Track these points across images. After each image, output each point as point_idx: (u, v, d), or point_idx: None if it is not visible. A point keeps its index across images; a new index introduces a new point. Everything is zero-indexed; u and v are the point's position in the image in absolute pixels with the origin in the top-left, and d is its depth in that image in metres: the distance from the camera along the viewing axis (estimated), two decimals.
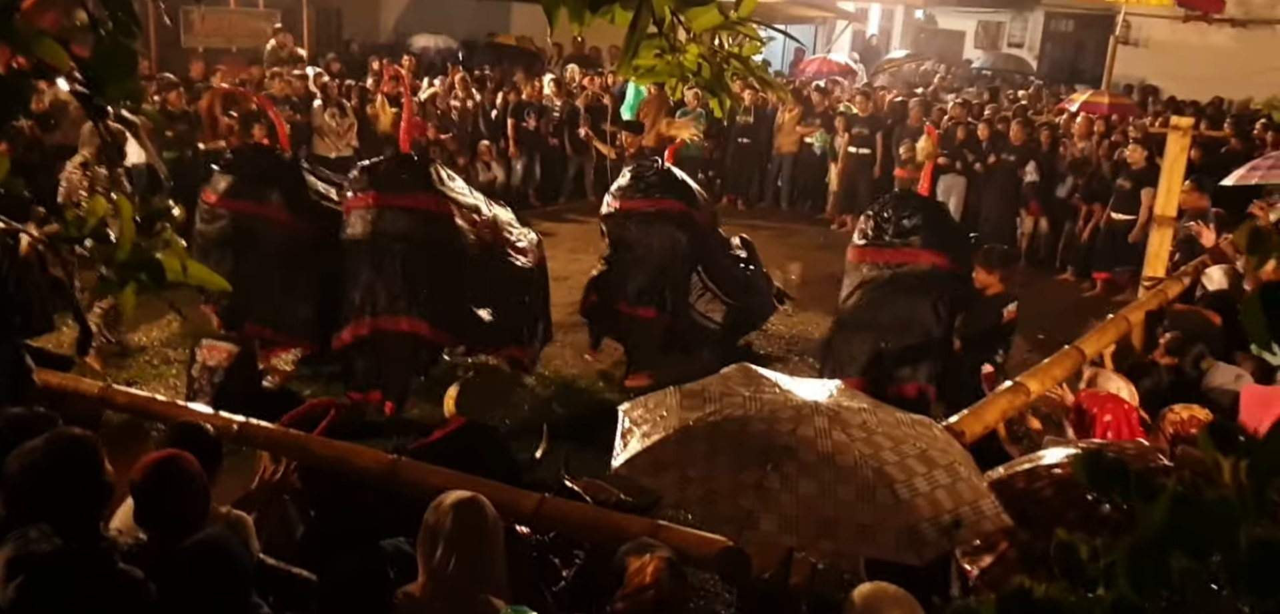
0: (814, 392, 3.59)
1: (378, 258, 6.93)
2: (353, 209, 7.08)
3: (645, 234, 8.09)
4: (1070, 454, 3.31)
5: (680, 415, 3.40)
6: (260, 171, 7.66)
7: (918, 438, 3.44)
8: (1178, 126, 6.79)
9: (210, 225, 7.53)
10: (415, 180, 7.10)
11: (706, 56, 2.72)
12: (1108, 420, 4.38)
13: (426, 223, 7.03)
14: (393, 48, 19.50)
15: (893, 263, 6.78)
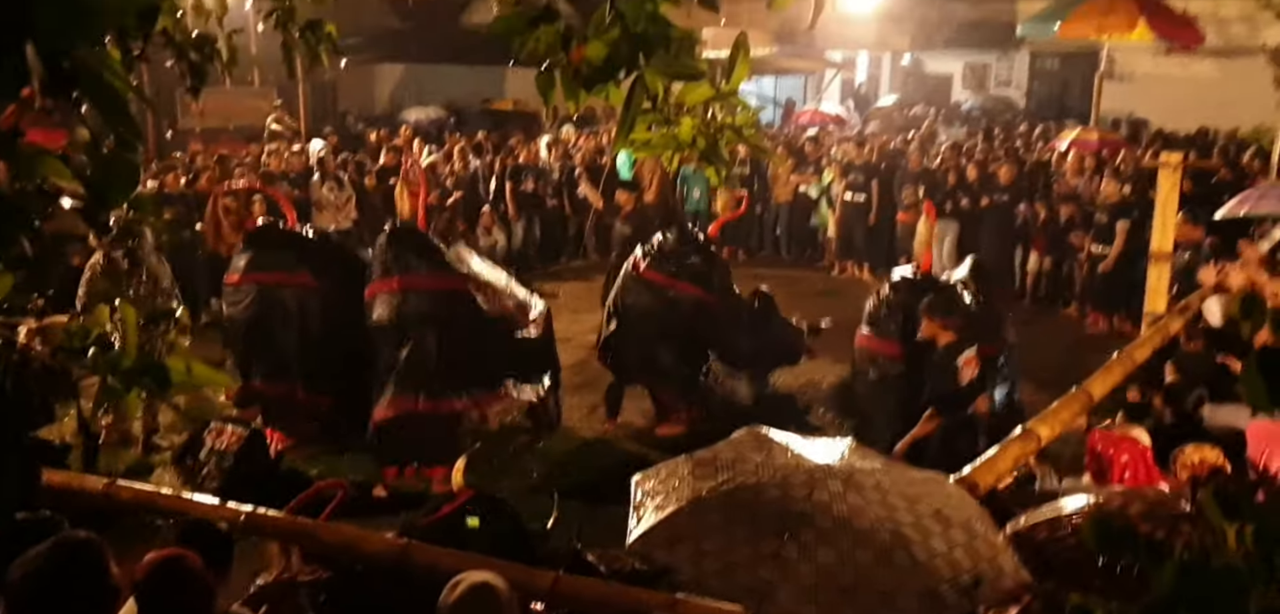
0: (826, 454, 3.55)
1: (406, 340, 7.08)
2: (378, 293, 7.21)
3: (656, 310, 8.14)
4: (1092, 501, 3.26)
5: (693, 485, 3.35)
6: (279, 243, 7.84)
7: (932, 496, 3.39)
8: (1168, 163, 6.78)
9: (237, 305, 7.68)
10: (436, 261, 7.28)
11: (701, 128, 2.72)
12: (1125, 461, 4.33)
13: (449, 302, 7.18)
14: (388, 119, 19.65)
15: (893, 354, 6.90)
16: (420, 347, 7.08)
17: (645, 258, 8.37)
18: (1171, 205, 6.58)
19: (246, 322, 7.67)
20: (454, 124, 19.20)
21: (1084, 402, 5.06)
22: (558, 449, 8.14)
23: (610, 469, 7.62)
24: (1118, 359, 5.63)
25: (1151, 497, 3.13)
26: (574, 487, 7.41)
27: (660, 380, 8.38)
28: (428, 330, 7.10)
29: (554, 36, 2.22)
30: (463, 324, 7.22)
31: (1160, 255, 6.59)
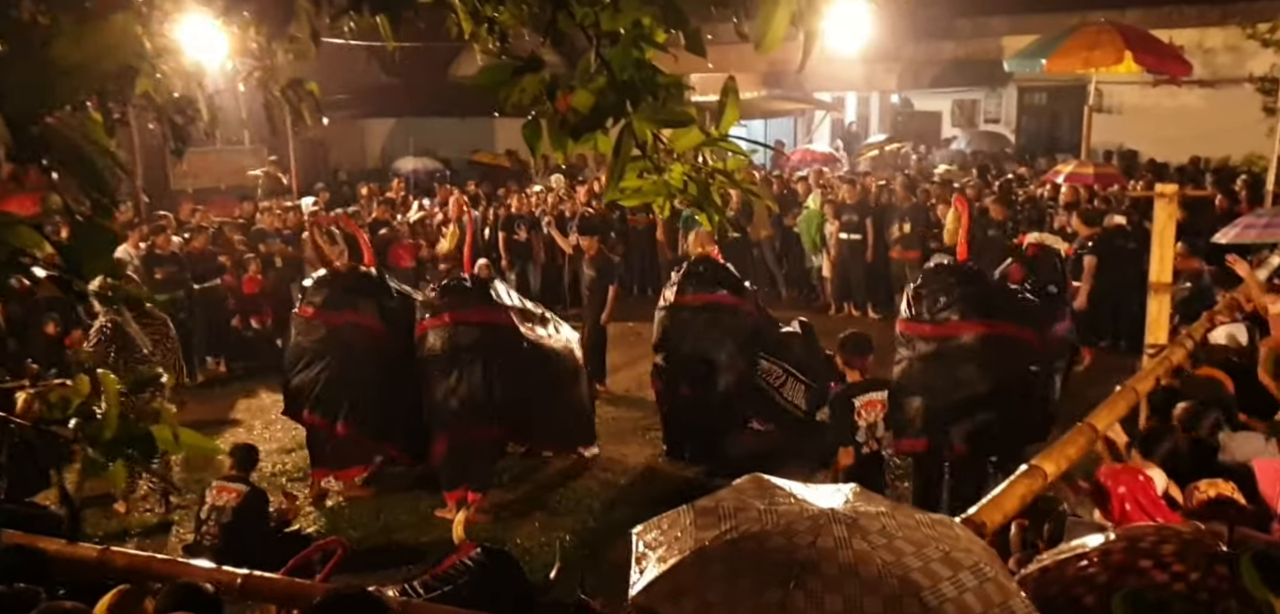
0: (829, 499, 3.48)
1: (459, 369, 7.59)
2: (430, 328, 7.72)
3: (697, 325, 8.57)
4: (1124, 535, 3.19)
5: (695, 536, 3.27)
6: (355, 287, 8.24)
7: (939, 539, 3.31)
8: (1164, 193, 6.77)
9: (307, 336, 8.08)
10: (483, 298, 7.91)
11: (691, 174, 2.69)
12: (1122, 493, 4.26)
13: (496, 334, 7.74)
14: (380, 174, 19.69)
15: (936, 336, 7.11)
16: (470, 378, 7.58)
17: (676, 287, 8.82)
18: (1169, 236, 6.56)
19: (308, 353, 8.04)
20: (446, 176, 19.25)
21: (1089, 436, 4.99)
22: (559, 498, 8.08)
23: (613, 519, 7.57)
24: (1121, 392, 5.57)
25: (1187, 534, 3.05)
26: (576, 537, 7.35)
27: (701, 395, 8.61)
28: (477, 361, 7.59)
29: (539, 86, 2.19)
30: (508, 354, 7.74)
31: (1160, 286, 6.56)
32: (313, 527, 7.67)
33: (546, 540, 7.28)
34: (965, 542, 3.39)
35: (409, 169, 19.72)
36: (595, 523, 7.62)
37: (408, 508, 7.99)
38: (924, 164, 20.43)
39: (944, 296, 7.13)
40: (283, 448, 9.45)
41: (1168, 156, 18.00)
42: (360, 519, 7.83)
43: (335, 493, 8.34)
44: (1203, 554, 2.84)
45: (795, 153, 22.19)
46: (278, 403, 10.80)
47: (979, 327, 7.02)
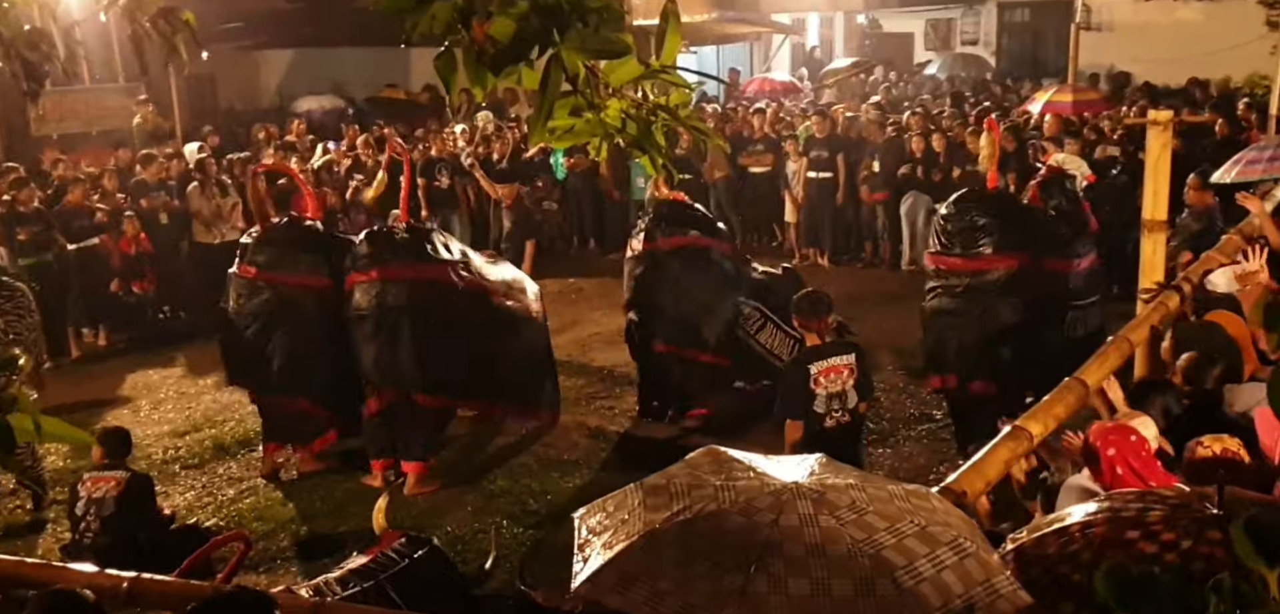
0: (793, 471, 3.51)
1: (387, 330, 7.67)
2: (356, 284, 7.81)
3: (671, 271, 8.71)
4: (1107, 507, 3.25)
5: (645, 518, 3.29)
6: (301, 242, 8.23)
7: (915, 512, 3.37)
8: (1157, 121, 6.87)
9: (250, 300, 8.07)
10: (415, 251, 7.90)
11: (630, 112, 2.66)
12: (1111, 454, 4.34)
13: (430, 291, 7.80)
14: (278, 113, 19.36)
15: (969, 270, 7.66)
16: (398, 336, 7.66)
17: (644, 234, 8.92)
18: (1163, 168, 6.66)
19: (250, 318, 8.05)
20: (353, 115, 18.98)
21: (1079, 393, 5.10)
22: (492, 480, 8.07)
23: (555, 503, 7.58)
24: (1113, 343, 5.69)
25: (1173, 498, 3.12)
26: (514, 521, 7.35)
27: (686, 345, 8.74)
28: (406, 319, 7.66)
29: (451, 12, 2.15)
30: (445, 313, 7.81)
31: (1154, 224, 6.67)
32: (212, 520, 7.59)
33: (480, 526, 7.28)
34: (943, 514, 3.44)
35: (309, 108, 19.41)
36: (535, 504, 7.64)
37: (322, 495, 7.93)
38: (894, 93, 20.56)
39: (977, 228, 7.65)
40: (175, 430, 9.33)
41: (1163, 78, 18.30)
42: (268, 509, 7.77)
43: (236, 479, 8.25)
44: (1193, 520, 2.90)
45: (751, 83, 22.21)
46: (167, 379, 10.70)
47: (1014, 259, 7.59)
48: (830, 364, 6.20)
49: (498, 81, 2.38)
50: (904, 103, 18.23)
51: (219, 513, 7.78)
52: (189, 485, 8.21)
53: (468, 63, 2.28)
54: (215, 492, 8.14)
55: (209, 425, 9.40)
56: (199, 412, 9.78)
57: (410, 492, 7.83)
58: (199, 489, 8.15)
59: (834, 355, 6.26)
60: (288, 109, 19.85)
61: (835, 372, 6.18)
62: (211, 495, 8.07)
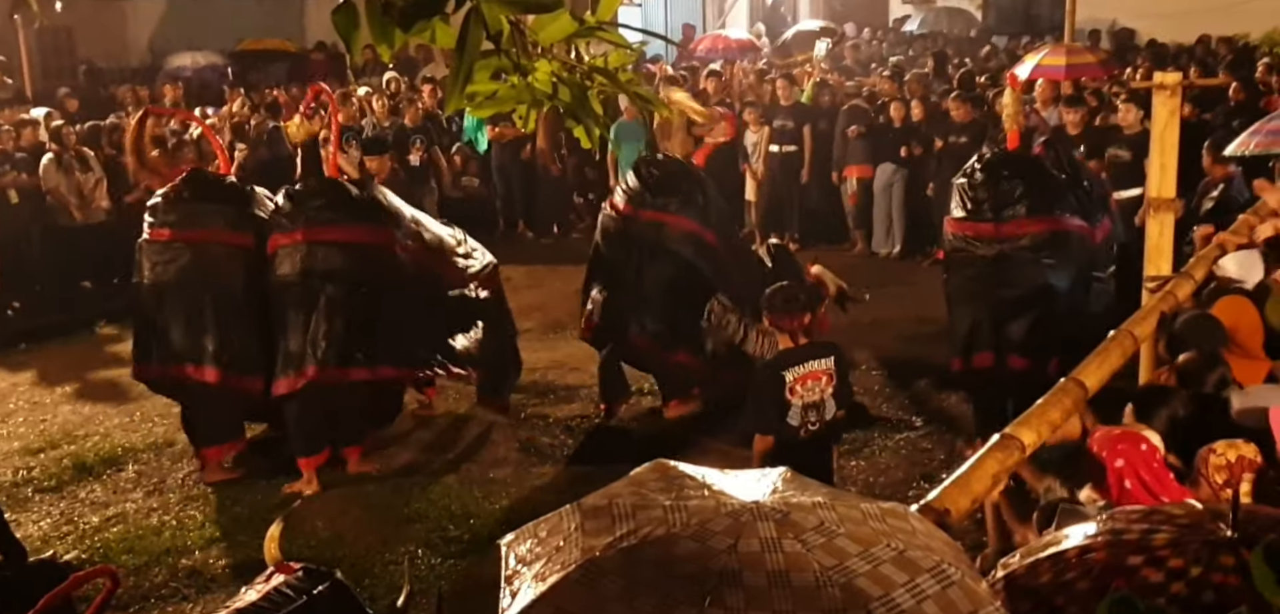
0: (753, 489, 3.54)
1: (313, 300, 7.87)
2: (279, 247, 8.00)
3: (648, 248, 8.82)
4: (1107, 530, 3.31)
5: (583, 544, 3.30)
6: (217, 195, 8.37)
7: (892, 534, 3.41)
8: (1165, 84, 7.02)
9: (167, 266, 8.16)
10: (349, 209, 8.13)
11: (562, 75, 2.67)
12: (1120, 466, 4.42)
13: (364, 256, 8.02)
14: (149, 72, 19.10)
15: (1001, 236, 8.07)
16: (330, 307, 7.85)
17: (624, 195, 9.02)
18: (1171, 138, 6.81)
19: (172, 288, 8.12)
20: (235, 75, 18.80)
21: (1076, 395, 5.18)
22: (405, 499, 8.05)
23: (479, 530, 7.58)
24: (1115, 338, 5.78)
25: (1182, 518, 3.17)
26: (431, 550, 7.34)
27: (666, 343, 8.85)
28: (338, 288, 7.88)
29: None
30: (382, 281, 8.04)
31: (1160, 203, 6.82)
32: (73, 552, 7.48)
33: (391, 555, 7.25)
34: (924, 537, 3.49)
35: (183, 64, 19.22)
36: (455, 529, 7.61)
37: (206, 519, 7.86)
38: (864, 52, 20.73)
39: (1010, 191, 8.12)
40: (27, 447, 9.19)
41: (1171, 35, 18.61)
42: (140, 538, 7.67)
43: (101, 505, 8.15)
44: (1204, 543, 2.94)
45: (703, 40, 22.28)
46: (16, 387, 10.55)
47: (1045, 222, 8.02)
48: (808, 370, 6.19)
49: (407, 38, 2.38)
50: (874, 64, 18.41)
51: (81, 543, 7.66)
52: (45, 512, 8.08)
53: (371, 16, 2.27)
54: (76, 519, 8.01)
55: (67, 442, 9.26)
56: (56, 425, 9.64)
57: (354, 470, 8.23)
58: (56, 516, 8.02)
59: (812, 359, 6.23)
60: (160, 67, 19.61)
61: (813, 378, 6.19)
62: (72, 523, 7.95)
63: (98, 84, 18.11)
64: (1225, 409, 5.08)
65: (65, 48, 19.96)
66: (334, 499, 8.07)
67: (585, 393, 9.78)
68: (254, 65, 19.74)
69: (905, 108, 13.54)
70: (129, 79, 17.90)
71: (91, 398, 10.23)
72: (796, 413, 6.14)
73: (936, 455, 8.34)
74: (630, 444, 8.68)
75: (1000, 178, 8.21)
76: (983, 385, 8.47)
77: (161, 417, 9.63)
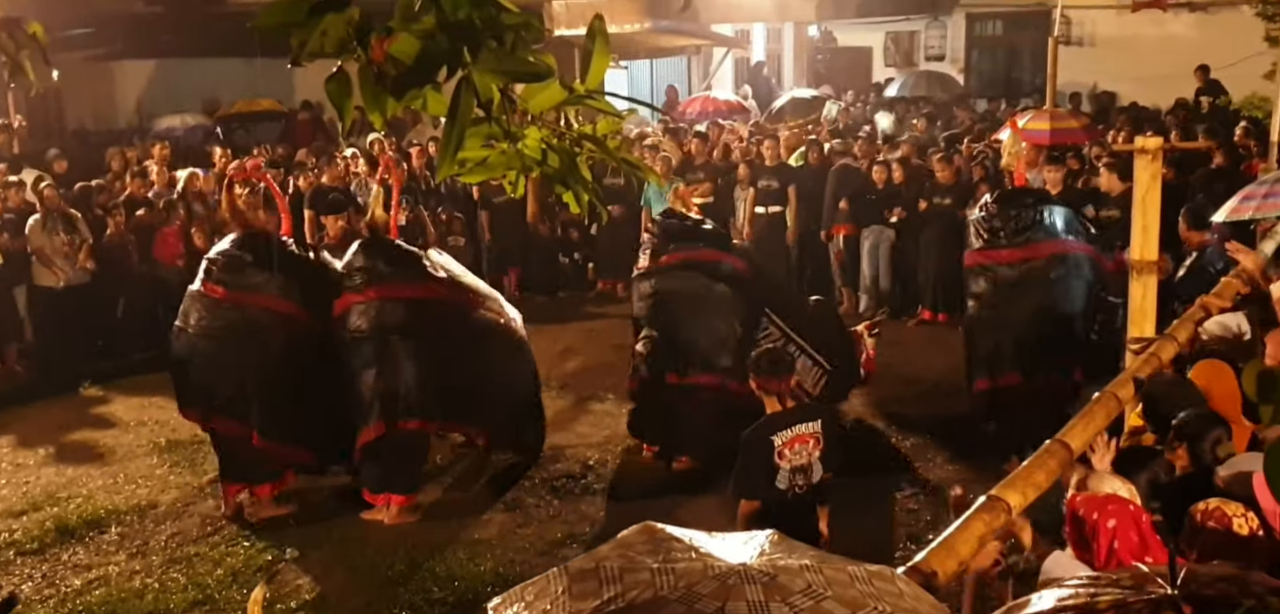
0: (740, 551, 3.54)
1: (385, 355, 8.36)
2: (353, 306, 8.48)
3: (679, 289, 9.25)
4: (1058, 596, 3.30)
5: (570, 608, 3.29)
6: (272, 262, 8.68)
7: (879, 597, 3.41)
8: (1146, 148, 7.07)
9: (213, 321, 8.55)
10: (413, 269, 8.73)
11: (552, 142, 2.68)
12: (1111, 527, 4.41)
13: (429, 312, 8.59)
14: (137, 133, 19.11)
15: (1020, 260, 8.95)
16: (398, 364, 8.35)
17: (654, 251, 9.51)
18: (1152, 202, 6.84)
19: (215, 343, 8.52)
20: (222, 135, 18.85)
21: (1062, 457, 5.18)
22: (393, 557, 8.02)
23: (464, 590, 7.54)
24: (1099, 400, 5.79)
25: (1126, 580, 3.18)
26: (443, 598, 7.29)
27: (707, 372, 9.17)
28: (406, 342, 8.38)
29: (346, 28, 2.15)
30: (444, 336, 8.59)
31: (1143, 266, 6.84)
32: None
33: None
34: (911, 600, 3.49)
35: (172, 126, 19.24)
36: (440, 591, 7.58)
37: (188, 580, 7.82)
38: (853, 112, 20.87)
39: (1024, 218, 9.01)
40: (9, 509, 9.13)
41: (1151, 98, 18.78)
42: (123, 601, 7.62)
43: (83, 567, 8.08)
44: (1145, 602, 2.94)
45: (690, 102, 22.39)
46: (2, 448, 10.45)
47: (1061, 244, 9.01)
48: (796, 433, 6.17)
49: (399, 107, 2.39)
50: (864, 127, 18.53)
51: (63, 606, 7.61)
52: (26, 575, 8.02)
53: (364, 85, 2.28)
54: (58, 582, 7.96)
55: (50, 503, 9.19)
56: (38, 487, 9.57)
57: (392, 521, 8.50)
58: (38, 579, 7.97)
59: (799, 423, 6.21)
60: (148, 129, 19.62)
61: (801, 442, 6.17)
62: (54, 586, 7.90)
63: (86, 146, 18.10)
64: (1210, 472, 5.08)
65: (53, 110, 19.93)
66: (318, 561, 8.04)
67: (571, 453, 9.77)
68: (241, 125, 19.78)
69: (887, 171, 13.62)
70: (117, 141, 17.88)
71: (74, 459, 10.16)
72: (784, 477, 6.12)
73: (923, 517, 8.33)
74: (615, 506, 8.66)
75: (1014, 207, 9.11)
76: (1011, 404, 9.00)
77: (145, 478, 9.61)
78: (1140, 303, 6.87)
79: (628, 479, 9.36)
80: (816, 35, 27.85)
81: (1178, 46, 20.31)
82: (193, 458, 9.96)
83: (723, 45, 25.16)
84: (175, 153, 16.24)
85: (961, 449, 9.50)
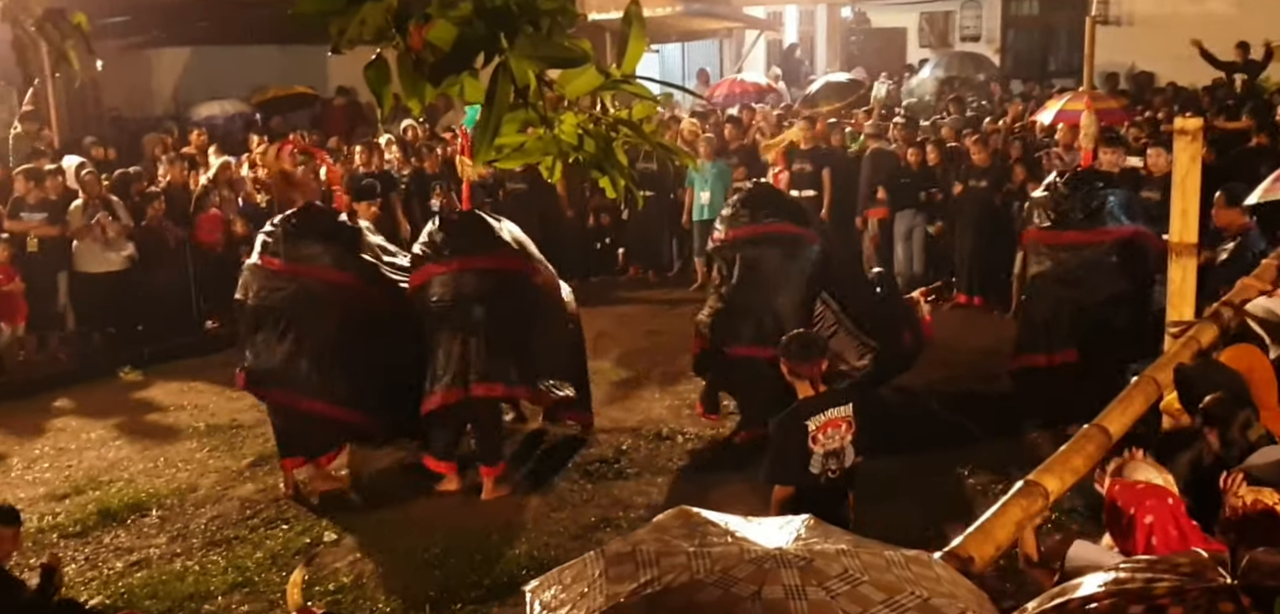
0: (776, 536, 3.54)
1: (464, 323, 8.58)
2: (433, 275, 8.75)
3: (755, 262, 9.42)
4: (1110, 579, 3.28)
5: (607, 590, 3.30)
6: (327, 234, 9.01)
7: (916, 581, 3.40)
8: (1186, 129, 6.99)
9: (273, 294, 8.78)
10: (491, 241, 8.94)
11: (588, 127, 2.68)
12: (1149, 523, 4.36)
13: (506, 281, 8.83)
14: (174, 121, 19.24)
15: (1086, 243, 9.20)
16: (477, 331, 8.59)
17: (722, 224, 9.76)
18: (1192, 183, 6.77)
19: (273, 314, 8.75)
20: (262, 122, 18.94)
21: (1100, 442, 5.15)
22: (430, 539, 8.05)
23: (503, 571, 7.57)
24: (1138, 384, 5.75)
25: (1186, 567, 3.14)
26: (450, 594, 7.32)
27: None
28: (484, 310, 8.61)
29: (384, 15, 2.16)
30: (519, 305, 8.84)
31: (1182, 248, 6.78)
32: (97, 598, 7.50)
33: (412, 602, 7.25)
34: (949, 584, 3.48)
35: (210, 114, 19.35)
36: (476, 575, 7.60)
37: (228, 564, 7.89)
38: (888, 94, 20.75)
39: (1094, 201, 9.26)
40: (52, 493, 9.23)
41: (1190, 79, 18.57)
42: (164, 584, 7.68)
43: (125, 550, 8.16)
44: (1203, 590, 2.91)
45: (721, 85, 22.34)
46: (43, 433, 10.56)
47: (1130, 229, 9.20)
48: (829, 418, 6.13)
49: (436, 93, 2.39)
50: (898, 109, 18.44)
51: (106, 590, 7.68)
52: (69, 558, 8.08)
53: (403, 72, 2.29)
54: (101, 564, 8.05)
55: (92, 487, 9.30)
56: (80, 471, 9.68)
57: (488, 496, 8.74)
58: (82, 562, 8.05)
59: (832, 407, 6.18)
60: (184, 116, 19.75)
61: (833, 426, 6.14)
62: (96, 568, 7.98)
63: (123, 134, 18.25)
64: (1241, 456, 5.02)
65: (92, 99, 20.05)
66: (355, 545, 8.10)
67: (604, 438, 9.79)
68: (277, 111, 19.88)
69: (922, 153, 13.55)
70: (153, 127, 18.02)
71: (116, 444, 10.28)
72: (818, 461, 6.10)
73: (958, 502, 8.28)
74: (649, 491, 8.67)
75: (1085, 190, 9.32)
76: (1068, 380, 9.09)
77: (185, 462, 9.70)
78: (1180, 285, 6.81)
79: (661, 464, 9.35)
80: (849, 17, 27.70)
81: (1217, 24, 20.00)
82: (231, 442, 10.08)
83: (755, 27, 25.08)
84: (213, 140, 16.36)
85: (997, 432, 9.44)
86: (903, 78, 23.29)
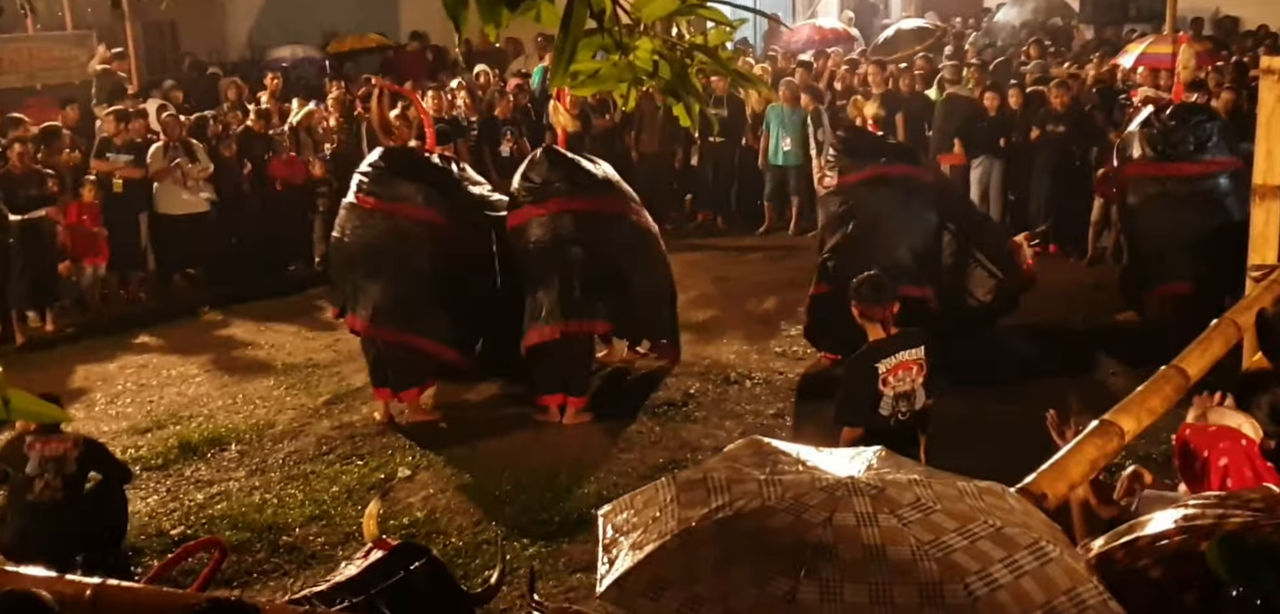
0: (847, 465, 3.55)
1: (563, 263, 8.89)
2: (532, 218, 9.07)
3: (875, 204, 9.55)
4: (1180, 516, 3.28)
5: (679, 515, 3.35)
6: (417, 174, 9.34)
7: (989, 512, 3.41)
8: (1272, 69, 6.87)
9: (367, 232, 9.14)
10: (588, 182, 9.26)
11: (663, 52, 2.70)
12: (1223, 465, 4.33)
13: (602, 223, 9.15)
14: (252, 65, 19.48)
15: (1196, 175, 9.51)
16: (575, 271, 8.90)
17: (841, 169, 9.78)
18: (1277, 124, 6.66)
19: (367, 250, 9.10)
20: (331, 69, 19.12)
21: (1178, 383, 5.11)
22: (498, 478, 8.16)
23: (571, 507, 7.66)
24: (1217, 327, 5.69)
25: (1257, 502, 3.13)
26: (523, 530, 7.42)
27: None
28: (582, 250, 8.92)
29: None
30: (613, 243, 9.12)
31: (1266, 190, 6.67)
32: (179, 528, 7.70)
33: (484, 535, 7.36)
34: (1022, 515, 3.48)
35: (285, 58, 19.56)
36: (546, 512, 7.69)
37: (305, 498, 8.03)
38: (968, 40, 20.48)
39: (1200, 134, 9.53)
40: (134, 426, 9.45)
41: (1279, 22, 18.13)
42: (243, 514, 7.85)
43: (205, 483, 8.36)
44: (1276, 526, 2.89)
45: (797, 30, 22.13)
46: (125, 369, 10.82)
47: (1232, 160, 9.45)
48: (899, 360, 6.12)
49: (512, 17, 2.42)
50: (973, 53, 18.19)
51: (186, 520, 7.87)
52: (152, 489, 8.30)
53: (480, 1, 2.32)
54: (181, 496, 8.23)
55: (173, 422, 9.52)
56: (162, 406, 9.91)
57: (570, 422, 9.08)
58: (163, 493, 8.25)
59: (903, 349, 6.16)
60: (260, 60, 19.99)
61: (904, 368, 6.12)
62: (177, 500, 8.17)
63: (199, 77, 18.53)
64: None
65: (169, 43, 20.42)
66: (428, 481, 8.23)
67: (671, 382, 9.85)
68: (350, 56, 20.06)
69: (999, 98, 13.38)
70: (229, 72, 18.29)
71: (196, 381, 10.50)
72: (888, 403, 6.09)
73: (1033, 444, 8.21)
74: (716, 433, 8.71)
75: (1190, 122, 9.59)
76: (1182, 313, 8.90)
77: (262, 399, 9.88)
78: (1262, 228, 6.71)
79: (730, 408, 9.38)
80: None
81: None
82: (308, 381, 10.26)
83: None
84: (286, 83, 16.55)
85: (1071, 378, 9.42)
86: (979, 22, 22.94)
